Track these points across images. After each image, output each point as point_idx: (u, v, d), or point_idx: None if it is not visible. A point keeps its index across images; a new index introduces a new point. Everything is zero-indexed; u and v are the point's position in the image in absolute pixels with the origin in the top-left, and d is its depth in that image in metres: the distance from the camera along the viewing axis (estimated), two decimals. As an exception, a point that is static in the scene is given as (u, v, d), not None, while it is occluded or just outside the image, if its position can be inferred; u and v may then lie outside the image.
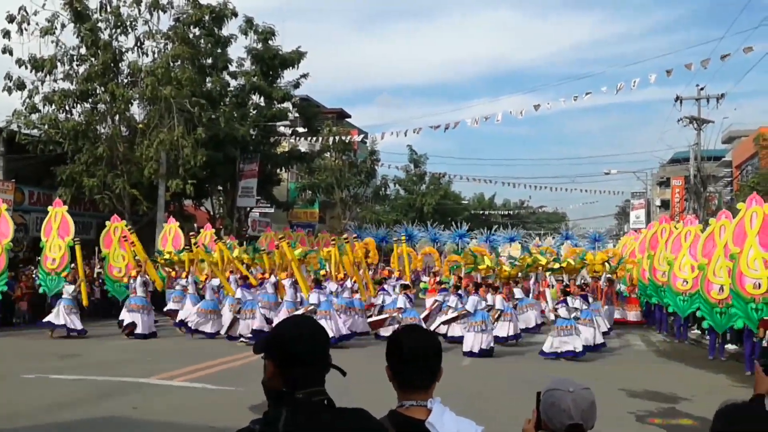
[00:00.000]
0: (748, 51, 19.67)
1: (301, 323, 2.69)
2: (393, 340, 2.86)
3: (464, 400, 12.33)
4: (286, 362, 2.53)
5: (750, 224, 16.26)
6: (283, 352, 2.55)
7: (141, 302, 20.40)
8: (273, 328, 2.70)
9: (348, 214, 49.45)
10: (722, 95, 34.05)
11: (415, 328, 2.97)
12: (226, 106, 34.30)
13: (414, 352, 2.78)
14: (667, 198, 64.92)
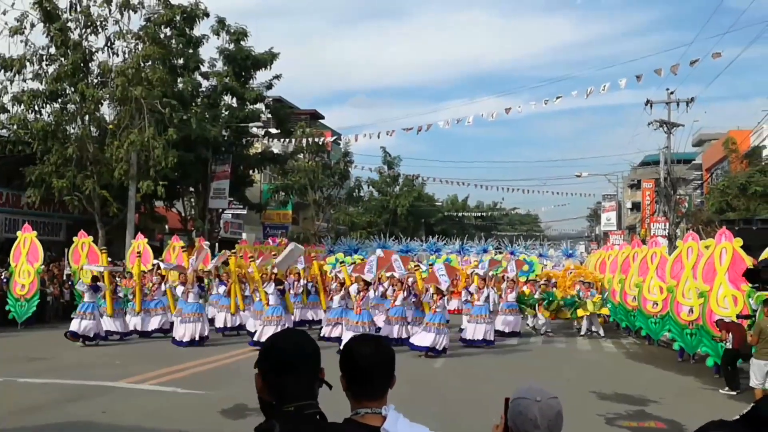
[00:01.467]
0: (717, 57, 19.91)
1: (287, 335, 2.73)
2: (346, 349, 2.88)
3: (435, 401, 12.38)
4: (272, 373, 2.57)
5: (719, 261, 16.36)
6: (268, 363, 2.59)
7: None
8: (266, 340, 2.77)
9: (321, 215, 49.36)
10: (692, 99, 34.47)
11: (367, 337, 3.00)
12: (198, 106, 34.13)
13: (367, 361, 2.81)
14: (638, 200, 65.58)
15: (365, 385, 2.81)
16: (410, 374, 15.10)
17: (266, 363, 2.61)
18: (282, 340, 2.69)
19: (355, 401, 2.82)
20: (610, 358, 19.29)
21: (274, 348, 2.65)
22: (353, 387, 2.82)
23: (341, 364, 2.85)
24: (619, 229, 67.25)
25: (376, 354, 2.85)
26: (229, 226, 43.70)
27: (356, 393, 2.82)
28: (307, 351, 2.65)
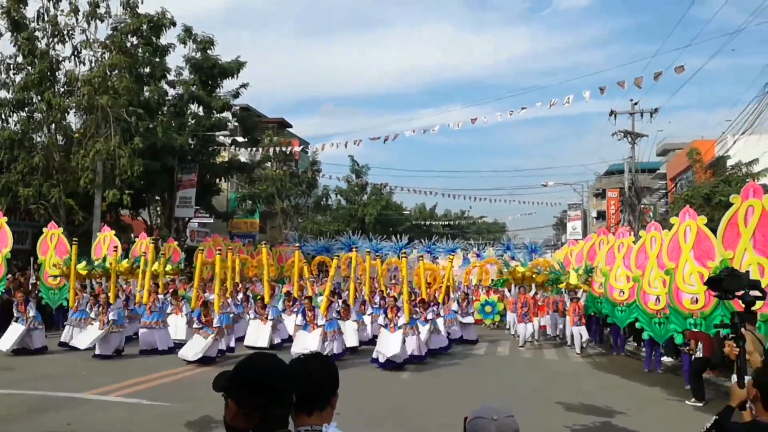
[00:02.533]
0: (680, 71, 20.24)
1: (266, 361, 2.66)
2: (293, 366, 2.94)
3: (396, 414, 12.39)
4: (251, 402, 2.51)
5: (684, 239, 16.55)
6: (247, 391, 2.53)
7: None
8: (237, 364, 2.66)
9: (289, 224, 49.23)
10: (656, 110, 34.97)
11: (311, 355, 3.06)
12: (164, 115, 33.92)
13: (312, 378, 2.88)
14: (603, 209, 66.30)
15: (307, 403, 2.86)
16: (373, 386, 15.14)
17: (244, 390, 2.52)
18: (261, 367, 2.60)
19: (297, 418, 2.86)
20: (576, 367, 19.32)
21: (255, 375, 2.56)
22: (295, 404, 2.83)
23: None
24: (585, 237, 67.82)
25: (318, 371, 2.93)
26: (196, 235, 43.40)
27: (298, 410, 2.86)
28: (287, 378, 2.62)
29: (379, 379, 16.02)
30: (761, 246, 13.20)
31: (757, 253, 13.18)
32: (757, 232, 13.34)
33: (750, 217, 13.50)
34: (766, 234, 13.30)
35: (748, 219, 13.51)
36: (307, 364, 2.96)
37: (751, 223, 13.39)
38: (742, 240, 13.44)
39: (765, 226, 13.37)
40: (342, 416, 11.08)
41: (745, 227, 13.49)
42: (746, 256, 13.29)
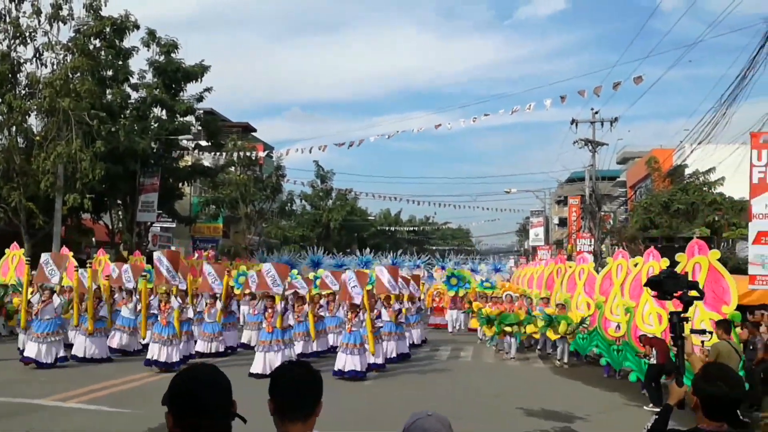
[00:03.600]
0: (639, 81, 20.62)
1: (199, 373, 2.63)
2: (275, 374, 2.98)
3: (356, 420, 12.45)
4: (184, 414, 2.50)
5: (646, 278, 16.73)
6: (180, 404, 2.51)
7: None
8: (173, 378, 2.64)
9: (253, 229, 49.03)
10: (616, 119, 35.54)
11: (296, 362, 3.08)
12: (127, 118, 33.63)
13: (294, 386, 2.91)
14: (565, 216, 66.97)
15: (291, 410, 2.89)
16: (334, 393, 15.16)
17: (179, 406, 2.52)
18: (195, 381, 2.57)
19: (281, 425, 2.90)
20: (538, 373, 19.47)
21: (187, 390, 2.54)
22: (279, 412, 2.89)
23: (270, 389, 2.91)
24: (547, 244, 68.45)
25: (301, 379, 2.94)
26: (158, 240, 43.05)
27: (282, 417, 2.90)
28: (222, 389, 2.57)
29: (341, 386, 16.04)
30: (711, 301, 13.38)
31: (707, 308, 13.37)
32: (705, 288, 13.53)
33: (698, 273, 13.65)
34: (715, 289, 13.43)
35: (695, 276, 13.67)
36: (292, 371, 2.97)
37: (698, 280, 13.56)
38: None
39: (713, 281, 13.50)
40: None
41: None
42: (698, 313, 13.48)
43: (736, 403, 3.69)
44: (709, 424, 3.64)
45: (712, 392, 3.62)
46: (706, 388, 3.65)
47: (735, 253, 25.48)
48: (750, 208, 14.23)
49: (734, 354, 10.90)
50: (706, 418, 3.66)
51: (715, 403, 3.62)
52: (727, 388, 3.62)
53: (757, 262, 13.98)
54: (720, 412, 3.63)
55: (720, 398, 3.61)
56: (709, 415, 3.64)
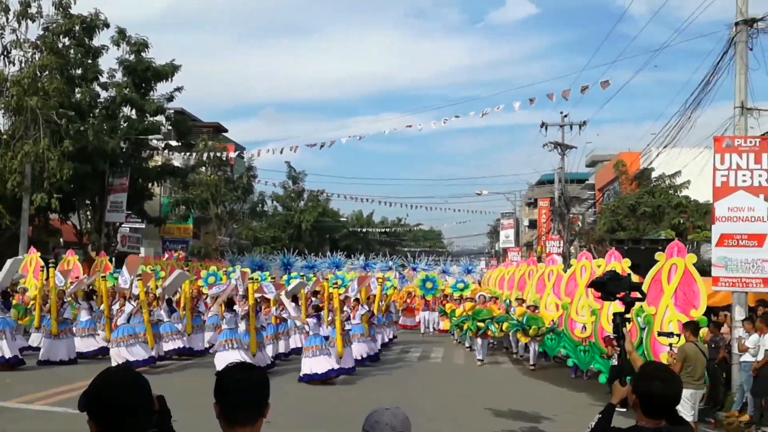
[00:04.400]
0: (606, 86, 20.89)
1: (114, 376, 2.61)
2: (220, 377, 2.91)
3: (325, 421, 12.49)
4: (106, 421, 2.47)
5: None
6: (99, 408, 2.48)
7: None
8: (90, 382, 2.59)
9: (224, 230, 48.80)
10: (584, 122, 35.98)
11: (242, 365, 3.02)
12: (96, 118, 33.23)
13: (240, 389, 2.85)
14: (535, 218, 67.42)
15: (237, 413, 2.84)
16: (304, 394, 15.19)
17: (97, 411, 2.49)
18: (110, 386, 2.53)
19: (228, 429, 2.85)
20: (506, 374, 19.66)
21: (104, 395, 2.50)
22: (225, 414, 2.84)
23: (215, 391, 2.87)
24: (517, 245, 68.95)
25: (248, 381, 2.88)
26: (127, 240, 42.65)
27: (228, 420, 2.84)
28: (138, 391, 2.54)
29: (310, 387, 16.07)
30: (682, 303, 13.60)
31: (677, 310, 13.58)
32: (678, 289, 13.76)
33: (673, 275, 13.85)
34: (686, 292, 13.66)
35: (671, 277, 13.89)
36: (238, 373, 2.91)
37: (673, 281, 13.79)
38: (664, 297, 13.84)
39: (686, 284, 13.73)
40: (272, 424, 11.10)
41: (668, 284, 13.90)
42: (668, 313, 13.70)
43: (674, 401, 3.79)
44: (648, 421, 3.72)
45: (650, 391, 3.69)
46: (645, 386, 3.72)
47: (700, 255, 25.82)
48: (713, 211, 14.46)
49: (701, 356, 11.09)
50: (645, 416, 3.74)
51: (654, 401, 3.69)
52: (665, 387, 3.70)
53: (720, 264, 14.18)
54: (658, 409, 3.71)
55: (658, 396, 3.69)
56: (648, 413, 3.72)
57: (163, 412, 2.73)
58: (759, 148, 13.94)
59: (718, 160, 14.10)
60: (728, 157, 14.01)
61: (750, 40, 14.58)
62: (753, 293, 15.16)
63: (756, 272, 13.89)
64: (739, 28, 14.65)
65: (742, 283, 14.02)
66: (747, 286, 14.09)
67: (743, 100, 14.71)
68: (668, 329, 12.89)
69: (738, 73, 14.78)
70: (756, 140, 14.29)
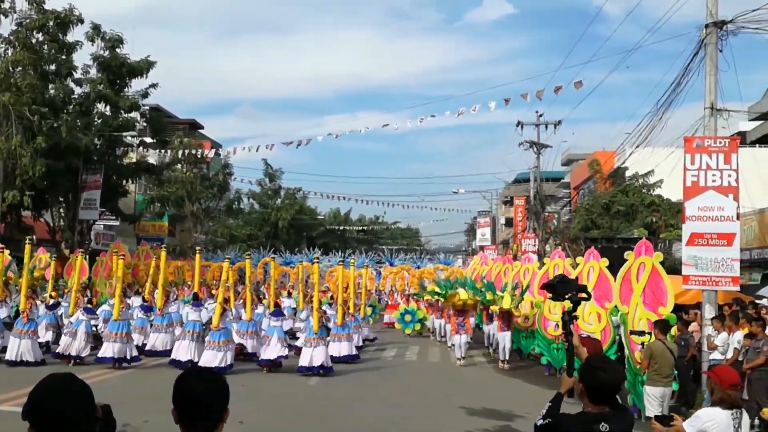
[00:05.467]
0: (579, 86, 21.03)
1: (54, 383, 2.56)
2: (178, 383, 2.86)
3: (302, 421, 12.49)
4: (43, 427, 2.44)
5: (587, 279, 17.01)
6: (41, 418, 2.45)
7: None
8: (30, 392, 2.55)
9: (199, 227, 48.55)
10: (559, 122, 36.17)
11: (200, 370, 3.01)
12: (69, 114, 32.99)
13: (198, 395, 2.80)
14: (511, 216, 67.68)
15: (196, 419, 2.79)
16: (280, 394, 15.18)
17: (40, 421, 2.45)
18: (50, 393, 2.50)
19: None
20: (481, 372, 19.72)
21: (43, 403, 2.47)
22: (184, 421, 2.80)
23: (173, 398, 2.82)
24: (494, 243, 69.15)
25: (207, 387, 2.84)
26: (101, 238, 42.28)
27: (187, 427, 2.81)
28: (78, 399, 2.51)
29: (287, 386, 16.06)
30: (650, 302, 13.70)
31: (646, 308, 13.70)
32: (647, 288, 13.88)
33: (641, 273, 13.96)
34: (654, 290, 13.75)
35: (639, 275, 14.00)
36: (193, 379, 2.87)
37: (642, 279, 13.90)
38: (633, 295, 13.97)
39: (654, 283, 13.84)
40: (246, 424, 11.06)
41: (636, 283, 14.03)
42: (638, 312, 13.82)
43: (616, 389, 4.23)
44: (593, 407, 4.16)
45: (595, 380, 4.15)
46: (590, 376, 4.19)
47: (672, 253, 26.11)
48: (684, 210, 14.61)
49: (668, 353, 11.21)
50: (590, 403, 4.18)
51: (598, 390, 4.14)
52: (608, 376, 4.16)
53: (690, 263, 14.34)
54: (602, 397, 4.15)
55: (602, 385, 4.14)
56: (593, 400, 4.17)
57: (107, 422, 2.68)
58: (728, 149, 14.11)
59: (689, 160, 14.25)
60: (698, 157, 14.16)
61: (720, 42, 14.75)
62: (723, 292, 15.39)
63: (725, 271, 14.08)
64: (709, 30, 14.81)
65: (711, 281, 14.21)
66: (717, 285, 14.28)
67: (713, 101, 14.87)
68: (639, 328, 13.02)
69: (708, 75, 14.94)
70: (725, 141, 14.47)
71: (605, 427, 4.05)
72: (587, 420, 4.14)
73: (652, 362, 11.05)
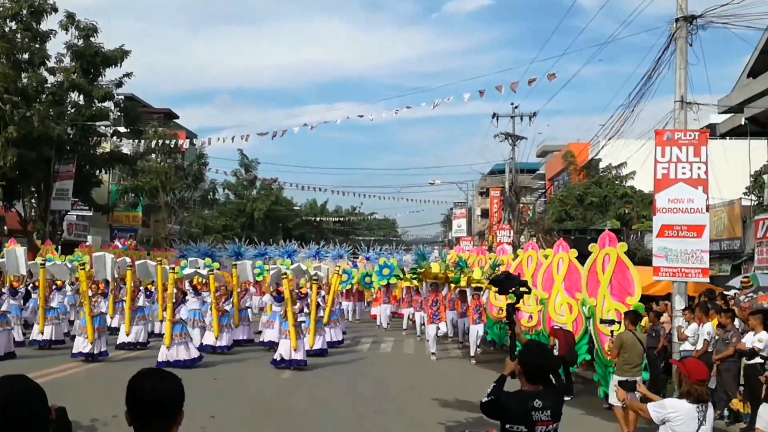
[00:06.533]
0: (552, 78, 21.19)
1: (8, 387, 2.52)
2: (131, 384, 2.83)
3: (273, 415, 12.49)
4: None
5: (557, 270, 17.28)
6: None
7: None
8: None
9: (174, 218, 48.27)
10: (534, 114, 36.34)
11: (154, 371, 2.93)
12: (42, 103, 32.64)
13: (151, 397, 2.76)
14: (487, 207, 67.98)
15: (148, 421, 2.75)
16: (251, 387, 15.18)
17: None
18: (4, 396, 2.47)
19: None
20: (456, 364, 19.68)
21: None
22: (136, 423, 2.77)
23: (126, 399, 2.78)
24: (470, 235, 69.44)
25: (158, 388, 2.79)
26: (74, 228, 41.89)
27: (139, 429, 2.77)
28: (28, 402, 2.49)
29: (259, 379, 16.06)
30: (617, 292, 13.82)
31: (614, 299, 13.79)
32: (613, 279, 13.99)
33: (607, 264, 14.06)
34: (621, 281, 13.86)
35: (605, 267, 14.11)
36: (146, 381, 2.82)
37: (607, 270, 14.01)
38: (601, 287, 14.09)
39: (620, 273, 13.94)
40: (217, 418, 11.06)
41: (602, 275, 14.15)
42: (606, 303, 13.93)
43: (550, 371, 4.95)
44: (529, 386, 4.79)
45: (531, 363, 4.81)
46: (527, 360, 4.85)
47: (644, 244, 26.37)
48: (654, 202, 14.77)
49: (638, 344, 11.36)
50: (527, 382, 4.81)
51: (534, 371, 4.78)
52: (543, 360, 4.93)
53: (660, 254, 14.50)
54: (537, 377, 4.79)
55: (537, 367, 4.82)
56: (529, 380, 4.80)
57: (61, 425, 2.65)
58: (698, 142, 14.27)
59: (659, 153, 14.40)
60: (669, 149, 14.31)
61: (690, 36, 14.91)
62: (693, 283, 15.59)
63: (695, 262, 14.24)
64: (679, 24, 14.95)
65: (681, 273, 14.37)
66: (686, 276, 14.45)
67: (683, 94, 15.03)
68: (608, 318, 13.16)
69: (678, 68, 15.10)
70: (695, 134, 14.62)
71: (539, 403, 4.67)
72: (524, 397, 4.75)
73: (622, 352, 11.17)
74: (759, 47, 26.02)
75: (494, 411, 4.96)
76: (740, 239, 23.97)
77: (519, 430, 4.69)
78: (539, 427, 4.67)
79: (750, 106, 25.44)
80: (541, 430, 4.68)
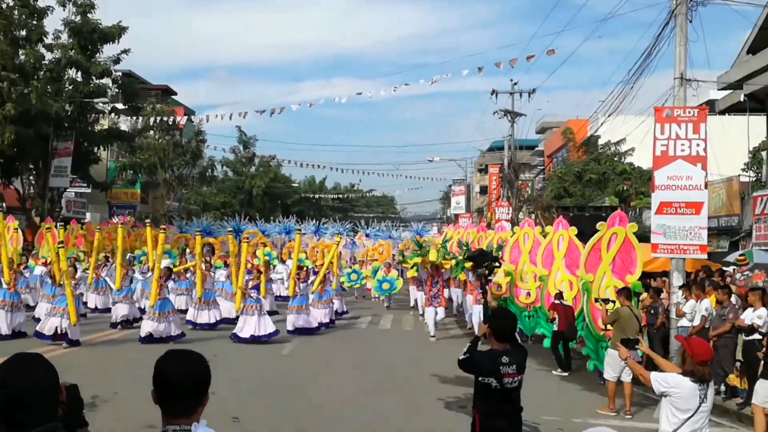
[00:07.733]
0: (551, 53, 21.16)
1: (19, 369, 2.52)
2: (159, 364, 2.86)
3: (271, 389, 12.58)
4: (7, 410, 2.41)
5: (557, 247, 17.35)
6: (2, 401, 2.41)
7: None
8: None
9: (172, 195, 48.24)
10: (533, 90, 36.31)
11: (182, 353, 2.95)
12: (40, 80, 32.51)
13: (179, 378, 2.80)
14: (486, 184, 67.94)
15: (174, 402, 2.80)
16: (252, 361, 15.28)
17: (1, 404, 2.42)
18: (11, 377, 2.47)
19: (166, 417, 2.82)
20: (453, 340, 19.79)
21: (7, 385, 2.44)
22: (163, 403, 2.81)
23: (154, 379, 2.83)
24: (468, 211, 69.47)
25: (186, 370, 2.83)
26: (72, 205, 41.87)
27: (166, 409, 2.82)
28: (40, 386, 2.48)
29: (259, 354, 16.15)
30: (619, 270, 13.80)
31: (614, 276, 13.81)
32: (617, 257, 13.98)
33: (613, 243, 13.98)
34: (624, 259, 13.89)
35: (611, 245, 14.06)
36: (174, 362, 2.85)
37: (613, 248, 13.97)
38: (602, 264, 14.01)
39: (625, 251, 13.94)
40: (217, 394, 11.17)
41: (606, 252, 14.11)
42: (605, 279, 13.90)
43: (514, 331, 6.12)
44: (498, 345, 5.78)
45: (499, 325, 5.86)
46: (496, 323, 5.91)
47: (642, 221, 26.39)
48: (653, 179, 14.79)
49: (633, 319, 11.47)
50: (496, 342, 5.79)
51: (501, 332, 5.80)
52: (509, 323, 5.98)
53: (659, 231, 14.53)
54: (504, 337, 5.80)
55: (504, 328, 5.85)
56: (498, 340, 5.79)
57: (73, 404, 2.68)
58: (697, 119, 14.26)
59: (659, 130, 14.39)
60: (668, 126, 14.30)
61: (690, 12, 14.86)
62: (690, 260, 15.65)
63: (693, 239, 14.29)
64: (679, 0, 14.89)
65: (680, 249, 14.42)
66: (684, 253, 14.50)
67: (683, 71, 15.00)
68: (605, 295, 13.20)
69: (678, 45, 15.06)
70: (694, 110, 14.61)
71: (506, 359, 5.63)
72: (493, 355, 5.71)
73: (618, 327, 11.25)
74: (758, 24, 25.89)
75: (469, 367, 5.94)
76: (738, 216, 24.01)
77: (489, 382, 5.65)
78: (506, 379, 5.63)
79: (749, 82, 25.33)
80: (509, 382, 5.65)
